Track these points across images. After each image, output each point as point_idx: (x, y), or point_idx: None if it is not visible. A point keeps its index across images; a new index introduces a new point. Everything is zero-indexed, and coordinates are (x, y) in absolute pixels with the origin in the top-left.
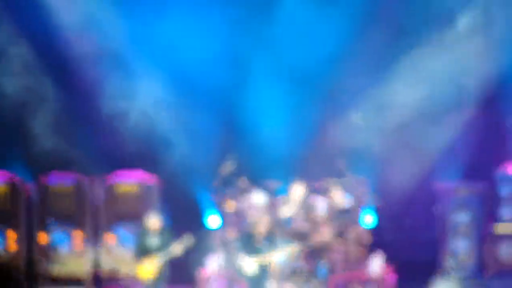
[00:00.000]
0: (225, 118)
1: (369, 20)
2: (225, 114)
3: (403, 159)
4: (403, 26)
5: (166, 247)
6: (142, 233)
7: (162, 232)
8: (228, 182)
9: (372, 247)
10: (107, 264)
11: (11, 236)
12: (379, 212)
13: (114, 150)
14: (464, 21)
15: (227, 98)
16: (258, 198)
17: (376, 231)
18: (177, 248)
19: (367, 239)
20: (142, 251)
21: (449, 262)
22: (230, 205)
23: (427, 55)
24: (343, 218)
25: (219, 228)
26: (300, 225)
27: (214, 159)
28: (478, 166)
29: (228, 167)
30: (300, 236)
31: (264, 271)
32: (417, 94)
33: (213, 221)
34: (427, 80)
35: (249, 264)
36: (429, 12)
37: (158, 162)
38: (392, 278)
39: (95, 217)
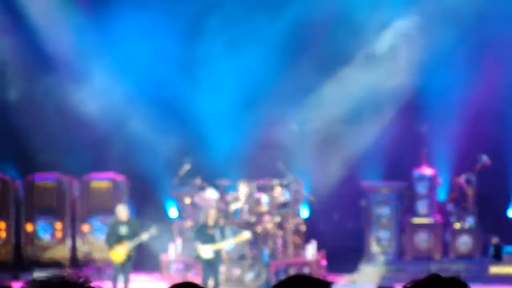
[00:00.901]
0: (182, 126)
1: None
2: (182, 123)
3: (332, 162)
4: (331, 53)
5: (133, 235)
6: (113, 223)
7: (130, 221)
8: (185, 180)
9: (307, 236)
10: (83, 249)
11: (1, 226)
12: (312, 206)
13: (88, 153)
14: (382, 45)
15: (184, 109)
16: (210, 194)
17: (310, 222)
18: (143, 237)
19: (303, 229)
20: (113, 238)
21: (373, 248)
22: (187, 200)
23: (352, 74)
24: (283, 211)
25: (178, 219)
26: (246, 217)
27: (173, 160)
28: (397, 167)
29: (185, 167)
30: (246, 226)
31: (216, 256)
32: (344, 106)
33: (172, 213)
34: (353, 94)
35: (203, 250)
36: (352, 38)
37: (127, 163)
38: (324, 262)
39: (73, 210)
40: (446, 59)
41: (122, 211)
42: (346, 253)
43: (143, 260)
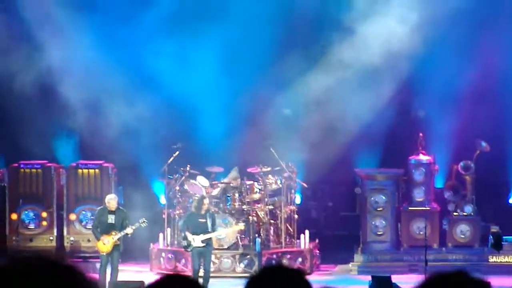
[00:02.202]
0: (173, 113)
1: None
2: (173, 110)
3: (326, 148)
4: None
5: (121, 225)
6: (100, 211)
7: (118, 211)
8: (175, 168)
9: (300, 224)
10: (69, 239)
11: None
12: (306, 193)
13: (76, 142)
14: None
15: (176, 96)
16: (201, 181)
17: (303, 210)
18: (131, 228)
19: (296, 217)
20: (101, 227)
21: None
22: (177, 188)
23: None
24: (275, 198)
25: (167, 207)
26: (238, 205)
27: (163, 148)
28: (393, 154)
29: (175, 154)
30: (238, 214)
31: (207, 245)
32: (338, 90)
33: (162, 201)
34: (347, 77)
35: (193, 239)
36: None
37: (115, 152)
38: (317, 251)
39: (59, 198)
40: (444, 42)
41: (112, 200)
42: (340, 242)
43: (131, 249)
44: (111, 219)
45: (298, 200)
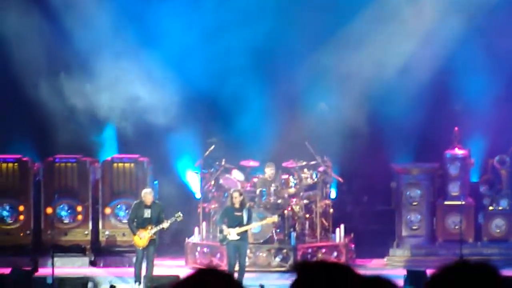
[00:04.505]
0: (209, 108)
1: None
2: (209, 105)
3: (361, 142)
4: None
5: (157, 219)
6: (136, 205)
7: (154, 205)
8: (210, 162)
9: (335, 219)
10: (105, 233)
11: (21, 209)
12: (341, 188)
13: (113, 136)
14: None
15: (211, 91)
16: (236, 175)
17: (338, 205)
18: (168, 223)
19: (331, 211)
20: (137, 222)
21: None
22: (212, 182)
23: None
24: (310, 193)
25: (202, 201)
26: (273, 199)
27: (199, 142)
28: (429, 148)
29: (210, 149)
30: (273, 209)
31: (242, 239)
32: (374, 85)
33: (197, 195)
34: (383, 72)
35: (229, 233)
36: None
37: (151, 146)
38: (352, 245)
39: (94, 192)
40: (481, 34)
41: (148, 194)
42: (375, 236)
43: (167, 244)
44: (147, 213)
45: (333, 194)
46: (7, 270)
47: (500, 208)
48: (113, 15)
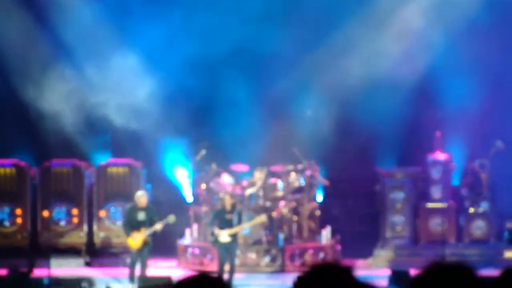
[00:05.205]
0: (199, 113)
1: None
2: (200, 112)
3: (346, 147)
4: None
5: (151, 221)
6: (130, 208)
7: (148, 208)
8: (201, 166)
9: (321, 221)
10: (99, 235)
11: (18, 212)
12: (327, 191)
13: (107, 141)
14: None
15: (202, 96)
16: (226, 179)
17: (324, 207)
18: (160, 225)
19: (318, 213)
20: (131, 224)
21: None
22: (203, 185)
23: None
24: (298, 196)
25: (194, 204)
26: (262, 202)
27: (190, 147)
28: (411, 152)
29: (201, 153)
30: (261, 211)
31: (233, 241)
32: (357, 90)
33: (188, 198)
34: (365, 77)
35: (219, 235)
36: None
37: (144, 150)
38: (338, 247)
39: (89, 195)
40: (461, 39)
41: (142, 197)
42: (360, 238)
43: (159, 245)
44: (141, 216)
45: (320, 197)
46: (4, 272)
47: (480, 210)
48: (101, 13)
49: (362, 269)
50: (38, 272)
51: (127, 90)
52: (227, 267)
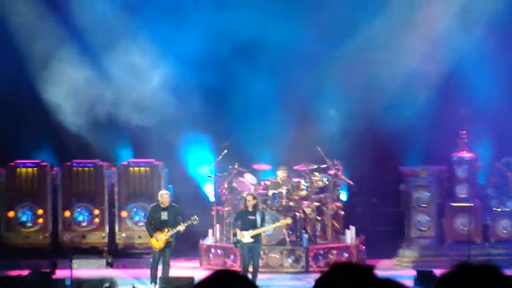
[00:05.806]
0: (223, 114)
1: None
2: (222, 110)
3: (371, 147)
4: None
5: (174, 221)
6: (153, 208)
7: (171, 207)
8: (224, 166)
9: (345, 221)
10: (121, 235)
11: (39, 213)
12: (351, 190)
13: (128, 141)
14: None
15: (222, 95)
16: (249, 179)
17: (349, 207)
18: (183, 226)
19: (342, 213)
20: (154, 223)
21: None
22: (225, 186)
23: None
24: (322, 196)
25: (216, 204)
26: (285, 202)
27: (212, 146)
28: (437, 151)
29: (223, 153)
30: (285, 211)
31: (256, 241)
32: (382, 89)
33: (211, 198)
34: (390, 77)
35: (242, 236)
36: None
37: (166, 150)
38: (363, 247)
39: (111, 195)
40: (487, 37)
41: (165, 197)
42: (385, 238)
43: (182, 245)
44: (164, 215)
45: (344, 197)
46: (26, 272)
47: (507, 209)
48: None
49: (387, 270)
50: (60, 273)
51: (148, 89)
52: (250, 268)
